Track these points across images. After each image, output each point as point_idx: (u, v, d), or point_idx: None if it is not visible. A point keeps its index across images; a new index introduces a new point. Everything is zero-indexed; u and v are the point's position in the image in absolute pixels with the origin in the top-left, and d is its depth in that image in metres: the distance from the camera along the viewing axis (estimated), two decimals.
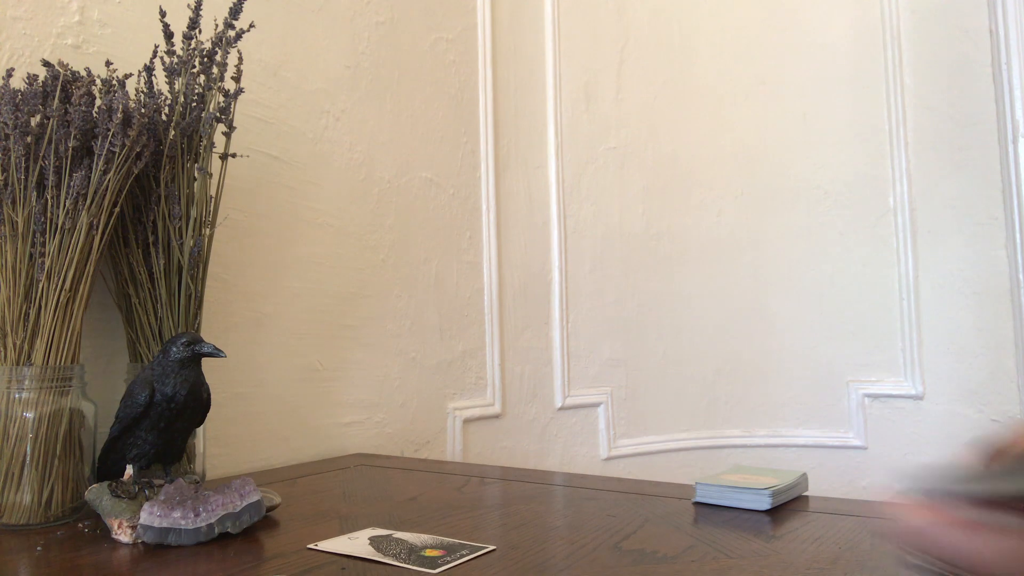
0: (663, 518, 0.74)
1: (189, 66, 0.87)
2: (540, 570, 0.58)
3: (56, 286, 0.75)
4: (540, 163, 1.74)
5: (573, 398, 1.72)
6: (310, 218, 1.22)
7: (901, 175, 1.85)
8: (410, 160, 1.42)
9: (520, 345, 1.63)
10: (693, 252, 1.91)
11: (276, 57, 1.17)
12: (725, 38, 1.96)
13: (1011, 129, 1.69)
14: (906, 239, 1.84)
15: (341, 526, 0.71)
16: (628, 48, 1.90)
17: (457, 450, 1.44)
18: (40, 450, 0.73)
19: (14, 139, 0.74)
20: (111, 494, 0.70)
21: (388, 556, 0.61)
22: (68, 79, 0.80)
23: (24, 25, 0.87)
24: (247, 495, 0.70)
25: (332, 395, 1.22)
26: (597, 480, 1.00)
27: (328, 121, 1.26)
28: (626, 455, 1.79)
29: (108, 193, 0.78)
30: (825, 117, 1.91)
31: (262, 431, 1.10)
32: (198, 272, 0.88)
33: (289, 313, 1.17)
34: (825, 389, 1.87)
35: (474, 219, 1.56)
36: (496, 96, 1.62)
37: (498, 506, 0.85)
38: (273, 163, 1.16)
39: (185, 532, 0.65)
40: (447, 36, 1.52)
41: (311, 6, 1.24)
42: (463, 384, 1.49)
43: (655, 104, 1.92)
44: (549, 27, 1.77)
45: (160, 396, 0.70)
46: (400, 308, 1.37)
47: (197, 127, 0.87)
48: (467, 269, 1.53)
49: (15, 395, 0.74)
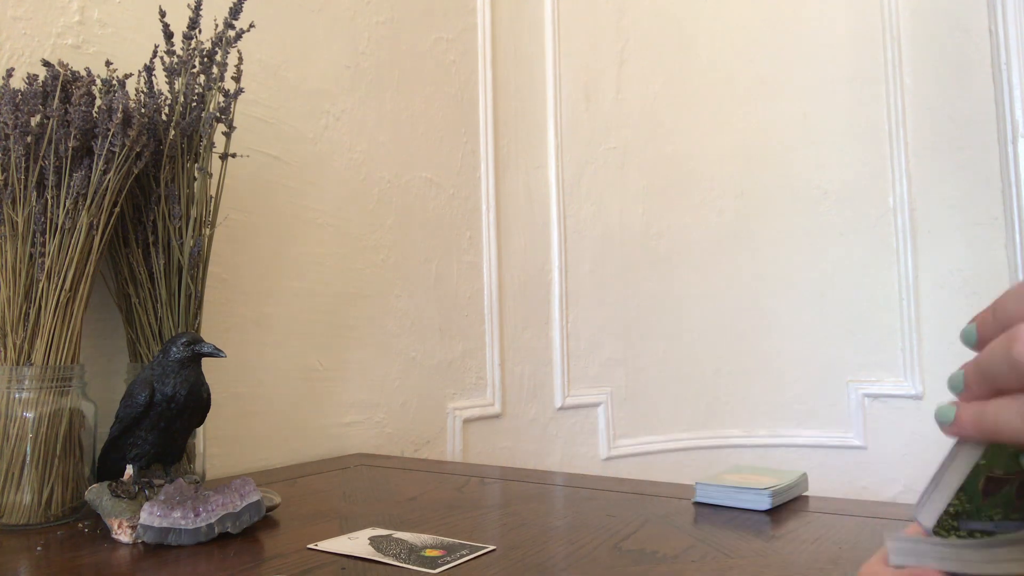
0: (663, 518, 0.74)
1: (189, 66, 0.87)
2: (540, 570, 0.58)
3: (56, 286, 0.75)
4: (540, 163, 1.74)
5: (573, 398, 1.72)
6: (310, 218, 1.22)
7: (901, 175, 1.85)
8: (410, 160, 1.42)
9: (520, 345, 1.63)
10: (693, 252, 1.91)
11: (276, 57, 1.17)
12: (725, 38, 1.96)
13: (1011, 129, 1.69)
14: (906, 239, 1.84)
15: (341, 526, 0.71)
16: (628, 48, 1.90)
17: (457, 450, 1.44)
18: (40, 450, 0.73)
19: (14, 139, 0.74)
20: (111, 494, 0.70)
21: (388, 556, 0.61)
22: (68, 79, 0.80)
23: (24, 25, 0.87)
24: (247, 495, 0.70)
25: (332, 395, 1.22)
26: (597, 480, 1.00)
27: (328, 121, 1.26)
28: (626, 455, 1.79)
29: (108, 193, 0.78)
30: (825, 117, 1.91)
31: (262, 431, 1.10)
32: (198, 272, 0.88)
33: (289, 313, 1.17)
34: (825, 389, 1.86)
35: (474, 219, 1.56)
36: (496, 96, 1.62)
37: (498, 506, 0.85)
38: (273, 163, 1.16)
39: (185, 532, 0.65)
40: (447, 36, 1.52)
41: (311, 6, 1.24)
42: (463, 384, 1.49)
43: (655, 104, 1.92)
44: (549, 27, 1.76)
45: (160, 396, 0.70)
46: (400, 308, 1.37)
47: (197, 127, 0.87)
48: (467, 269, 1.53)
49: (15, 395, 0.74)
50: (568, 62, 1.79)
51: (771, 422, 1.89)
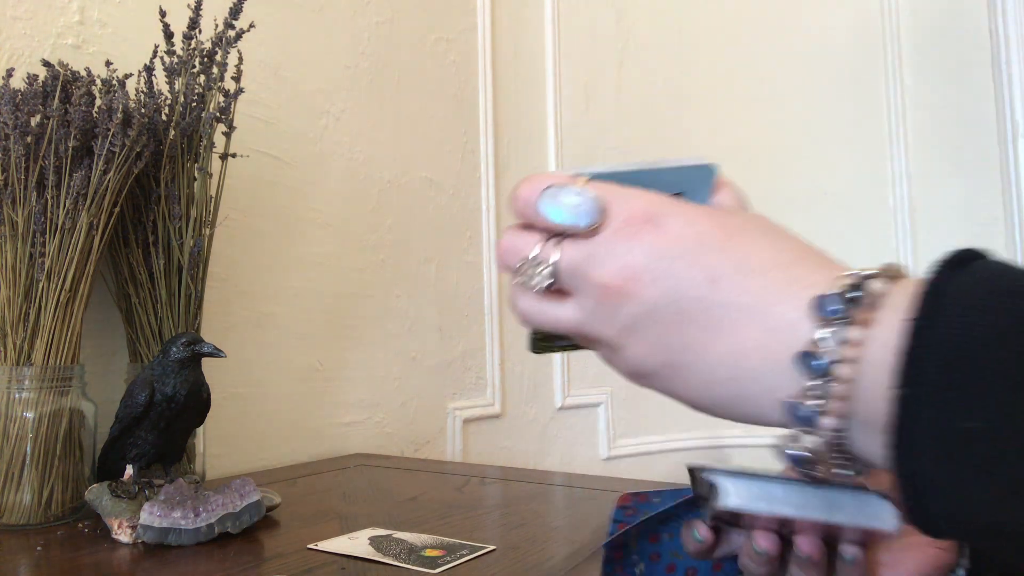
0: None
1: (189, 66, 0.87)
2: (540, 570, 0.58)
3: (56, 286, 0.75)
4: (540, 163, 1.74)
5: (573, 398, 1.72)
6: (310, 218, 1.22)
7: (901, 175, 1.85)
8: (410, 160, 1.42)
9: (520, 345, 1.63)
10: None
11: (276, 57, 1.17)
12: (725, 38, 1.96)
13: (1011, 129, 1.69)
14: (906, 239, 1.84)
15: (341, 526, 0.71)
16: (628, 48, 1.90)
17: (457, 450, 1.44)
18: (40, 450, 0.73)
19: (14, 139, 0.74)
20: (111, 494, 0.70)
21: (388, 556, 0.61)
22: (68, 79, 0.80)
23: (24, 25, 0.87)
24: (247, 495, 0.70)
25: (332, 395, 1.22)
26: (597, 480, 1.00)
27: (328, 121, 1.26)
28: (626, 455, 1.79)
29: (108, 193, 0.78)
30: (825, 117, 1.91)
31: (262, 431, 1.10)
32: (198, 272, 0.88)
33: (289, 313, 1.17)
34: None
35: (474, 219, 1.56)
36: (496, 96, 1.62)
37: (498, 506, 0.85)
38: (273, 163, 1.16)
39: (185, 532, 0.65)
40: (447, 36, 1.52)
41: (311, 6, 1.24)
42: (463, 384, 1.49)
43: (655, 104, 1.92)
44: (549, 27, 1.76)
45: (160, 396, 0.70)
46: (400, 308, 1.37)
47: (197, 127, 0.87)
48: (467, 269, 1.53)
49: (15, 395, 0.74)
50: (568, 62, 1.79)
51: None
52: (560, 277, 0.33)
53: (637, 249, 0.32)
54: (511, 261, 0.35)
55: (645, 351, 0.32)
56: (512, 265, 0.35)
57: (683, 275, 0.31)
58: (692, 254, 0.31)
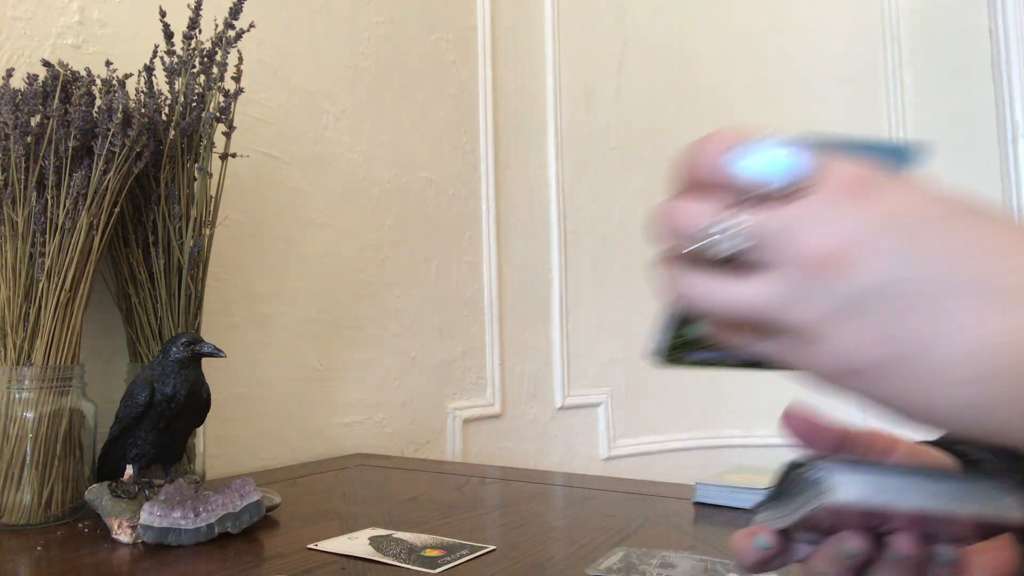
0: (663, 518, 0.74)
1: (189, 66, 0.87)
2: (540, 570, 0.58)
3: (56, 286, 0.75)
4: (540, 163, 1.74)
5: (573, 398, 1.72)
6: (310, 218, 1.22)
7: None
8: (410, 160, 1.42)
9: (520, 345, 1.63)
10: None
11: (276, 57, 1.17)
12: (725, 38, 1.96)
13: (1011, 129, 1.69)
14: None
15: (341, 526, 0.71)
16: (628, 48, 1.90)
17: (457, 450, 1.44)
18: (40, 450, 0.73)
19: (14, 139, 0.74)
20: (111, 494, 0.70)
21: (388, 556, 0.61)
22: (68, 79, 0.80)
23: (24, 25, 0.87)
24: (247, 495, 0.70)
25: (332, 395, 1.22)
26: (597, 480, 1.00)
27: (328, 121, 1.26)
28: (626, 455, 1.79)
29: (108, 193, 0.78)
30: (825, 117, 1.91)
31: (262, 431, 1.10)
32: (198, 272, 0.88)
33: (289, 313, 1.17)
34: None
35: (474, 219, 1.56)
36: (496, 96, 1.62)
37: (498, 506, 0.85)
38: (273, 163, 1.16)
39: (185, 532, 0.65)
40: (447, 36, 1.52)
41: (311, 6, 1.24)
42: (463, 384, 1.49)
43: (655, 104, 1.92)
44: (549, 27, 1.76)
45: (160, 396, 0.70)
46: (400, 308, 1.37)
47: (197, 127, 0.87)
48: (467, 269, 1.53)
49: (15, 395, 0.74)
50: (568, 62, 1.79)
51: (771, 422, 1.89)
52: (760, 242, 0.27)
53: (859, 214, 0.26)
54: (690, 225, 0.29)
55: (860, 340, 0.26)
56: (690, 230, 0.29)
57: (914, 249, 0.26)
58: (924, 226, 0.26)
